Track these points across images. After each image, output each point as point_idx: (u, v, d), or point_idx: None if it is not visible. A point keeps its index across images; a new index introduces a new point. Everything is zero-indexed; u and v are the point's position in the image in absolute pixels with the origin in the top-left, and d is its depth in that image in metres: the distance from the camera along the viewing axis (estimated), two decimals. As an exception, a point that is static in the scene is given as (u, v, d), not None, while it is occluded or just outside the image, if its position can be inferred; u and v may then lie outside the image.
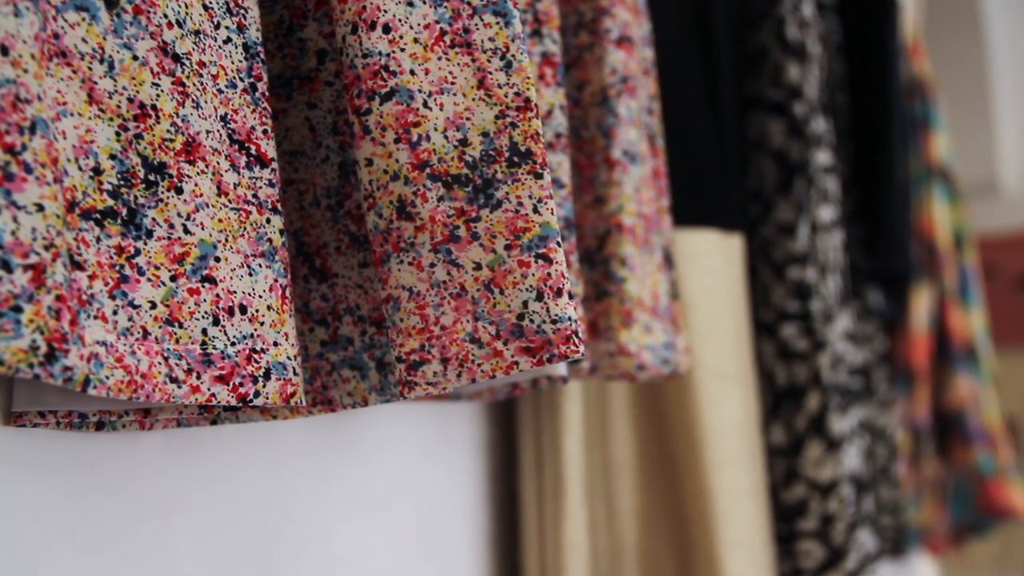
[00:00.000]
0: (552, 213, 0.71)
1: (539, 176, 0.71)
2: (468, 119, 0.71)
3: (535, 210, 0.71)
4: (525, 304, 0.69)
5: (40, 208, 0.53)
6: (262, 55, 0.71)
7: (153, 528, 0.76)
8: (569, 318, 0.69)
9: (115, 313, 0.61)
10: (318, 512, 0.91)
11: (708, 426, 1.26)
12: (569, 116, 1.03)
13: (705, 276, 1.28)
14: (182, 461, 0.79)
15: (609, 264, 0.99)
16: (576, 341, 0.69)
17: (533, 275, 0.70)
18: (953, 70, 5.27)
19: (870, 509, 1.67)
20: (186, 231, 0.65)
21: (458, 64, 0.72)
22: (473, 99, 0.72)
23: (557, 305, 0.69)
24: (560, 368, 0.85)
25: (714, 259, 1.30)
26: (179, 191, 0.65)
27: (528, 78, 0.73)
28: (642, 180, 1.03)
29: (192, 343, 0.64)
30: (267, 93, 0.71)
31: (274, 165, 0.70)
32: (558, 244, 0.70)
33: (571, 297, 0.70)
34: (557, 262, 0.70)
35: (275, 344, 0.68)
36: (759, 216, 1.60)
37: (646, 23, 1.10)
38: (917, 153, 2.76)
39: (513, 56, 0.73)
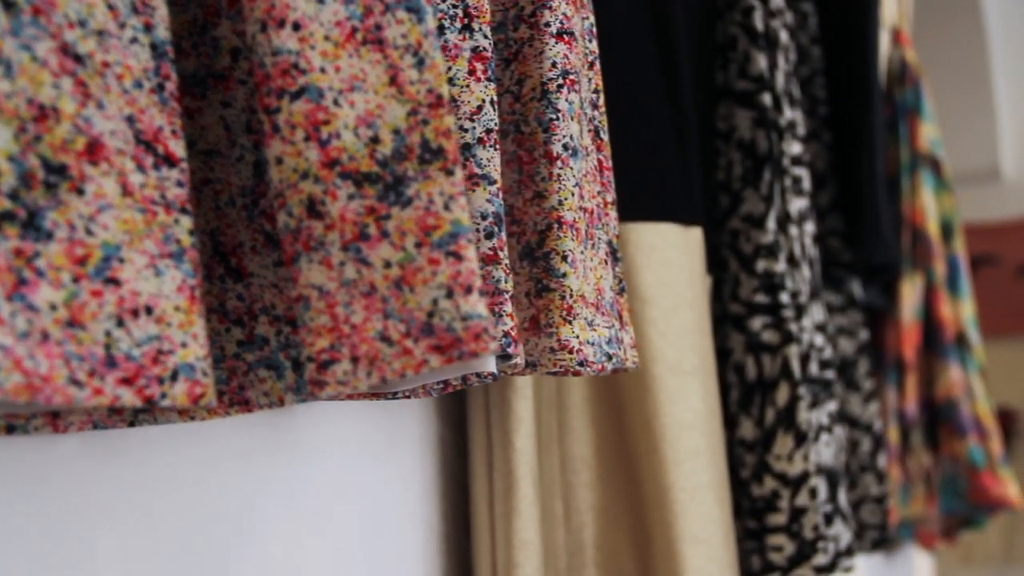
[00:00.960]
0: (464, 210, 0.70)
1: (450, 173, 0.71)
2: (379, 117, 0.71)
3: (446, 207, 0.70)
4: (435, 302, 0.69)
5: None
6: (171, 54, 0.70)
7: (74, 533, 0.76)
8: (479, 315, 0.69)
9: (13, 316, 0.61)
10: (252, 513, 0.91)
11: (668, 421, 1.26)
12: (510, 111, 1.02)
13: (663, 270, 1.28)
14: (104, 464, 0.78)
15: (550, 259, 0.98)
16: (486, 338, 0.68)
17: (443, 273, 0.69)
18: (953, 57, 5.25)
19: (844, 502, 1.67)
20: (88, 232, 0.64)
21: (369, 61, 0.72)
22: (385, 96, 0.71)
23: (467, 302, 0.69)
24: (488, 364, 0.84)
25: (673, 252, 1.29)
26: (81, 192, 0.64)
27: (441, 75, 0.72)
28: (585, 174, 1.02)
29: (95, 345, 0.64)
30: (176, 93, 0.70)
31: (183, 165, 0.70)
32: (469, 241, 0.70)
33: (482, 295, 0.69)
34: (468, 259, 0.69)
35: (183, 345, 0.67)
36: (728, 208, 1.60)
37: (590, 15, 1.09)
38: (906, 141, 2.75)
39: (426, 53, 0.72)
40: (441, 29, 0.88)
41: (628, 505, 1.28)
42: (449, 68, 0.87)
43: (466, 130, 0.86)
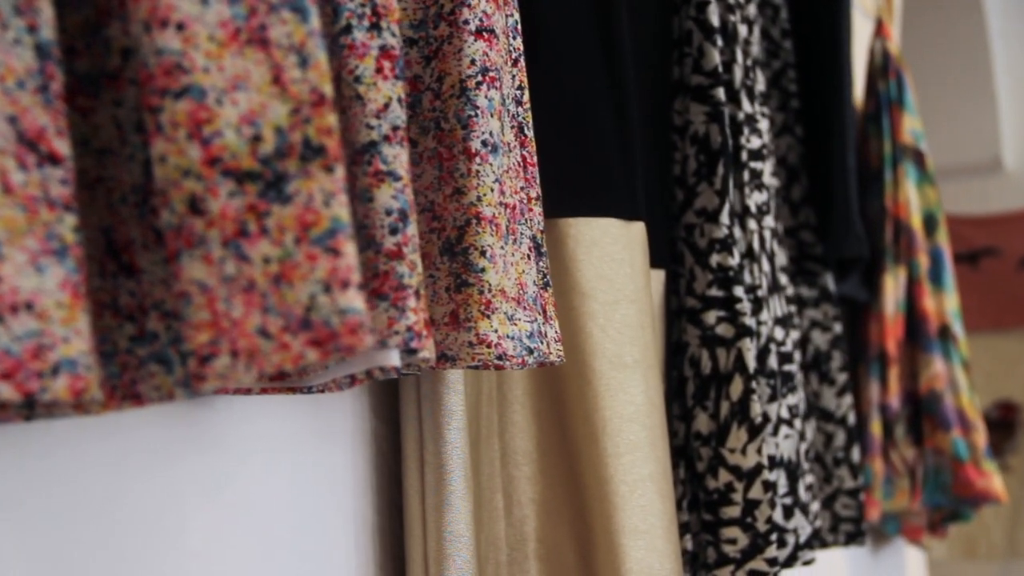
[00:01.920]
0: (344, 207, 0.72)
1: (331, 170, 0.72)
2: (262, 115, 0.72)
3: (325, 204, 0.71)
4: (313, 297, 0.70)
5: None
6: (57, 55, 0.72)
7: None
8: (355, 310, 0.70)
9: None
10: (168, 508, 0.92)
11: (608, 415, 1.27)
12: (431, 108, 1.03)
13: (604, 264, 1.29)
14: (7, 460, 0.80)
15: (468, 255, 0.99)
16: (362, 333, 0.70)
17: (321, 268, 0.71)
18: (954, 48, 5.23)
19: (804, 495, 1.68)
20: (-33, 231, 0.66)
21: (253, 61, 0.73)
22: (268, 95, 0.73)
23: (344, 297, 0.70)
24: (392, 358, 0.85)
25: (614, 247, 1.30)
26: (-41, 192, 0.66)
27: (324, 74, 0.73)
28: (507, 170, 1.03)
29: (-27, 341, 0.65)
30: (62, 92, 0.72)
31: (68, 164, 0.71)
32: (347, 237, 0.71)
33: (361, 289, 0.71)
34: (346, 255, 0.71)
35: (65, 340, 0.69)
36: (683, 203, 1.61)
37: (515, 12, 1.11)
38: (889, 133, 2.75)
39: (309, 52, 0.74)
40: (349, 28, 0.89)
41: (569, 498, 1.29)
42: (356, 67, 0.88)
43: (372, 127, 0.88)
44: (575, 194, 1.29)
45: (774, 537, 1.52)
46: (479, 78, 1.02)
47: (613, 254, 1.30)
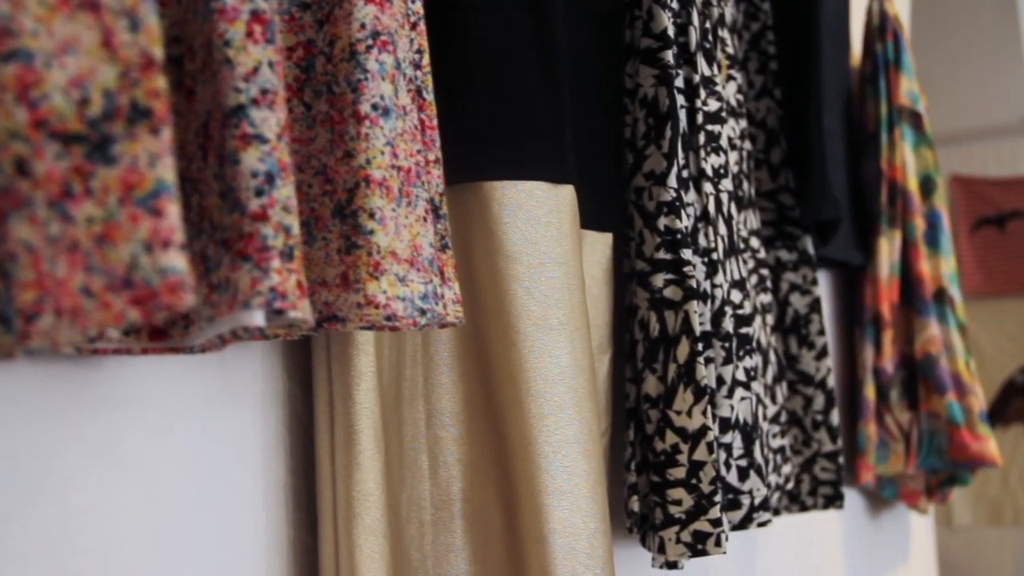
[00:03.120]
0: (169, 169, 0.73)
1: (157, 132, 0.73)
2: (91, 78, 0.73)
3: (150, 165, 0.73)
4: (135, 256, 0.72)
5: None
6: None
7: None
8: (176, 269, 0.71)
9: None
10: (51, 465, 0.94)
11: (532, 376, 1.28)
12: (323, 72, 1.04)
13: (530, 227, 1.29)
14: None
15: (358, 217, 1.01)
16: (182, 292, 0.71)
17: (143, 228, 0.72)
18: (981, 11, 5.16)
19: (760, 457, 1.68)
20: None
21: (84, 24, 0.74)
22: (97, 59, 0.74)
23: (165, 257, 0.71)
24: (255, 318, 0.87)
25: (540, 210, 1.31)
26: None
27: (154, 37, 0.75)
28: (401, 133, 1.04)
29: None
30: None
31: (-99, 128, 0.73)
32: (171, 198, 0.72)
33: (182, 249, 0.72)
34: (168, 216, 0.72)
35: None
36: (633, 166, 1.61)
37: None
38: (885, 95, 2.73)
39: (141, 16, 0.75)
40: (220, -8, 0.90)
41: (496, 458, 1.30)
42: (226, 31, 0.89)
43: (240, 91, 0.89)
44: (501, 158, 1.30)
45: (718, 498, 1.52)
46: (369, 42, 1.02)
47: (539, 217, 1.31)
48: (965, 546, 5.17)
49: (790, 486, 2.01)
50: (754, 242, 1.97)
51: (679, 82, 1.66)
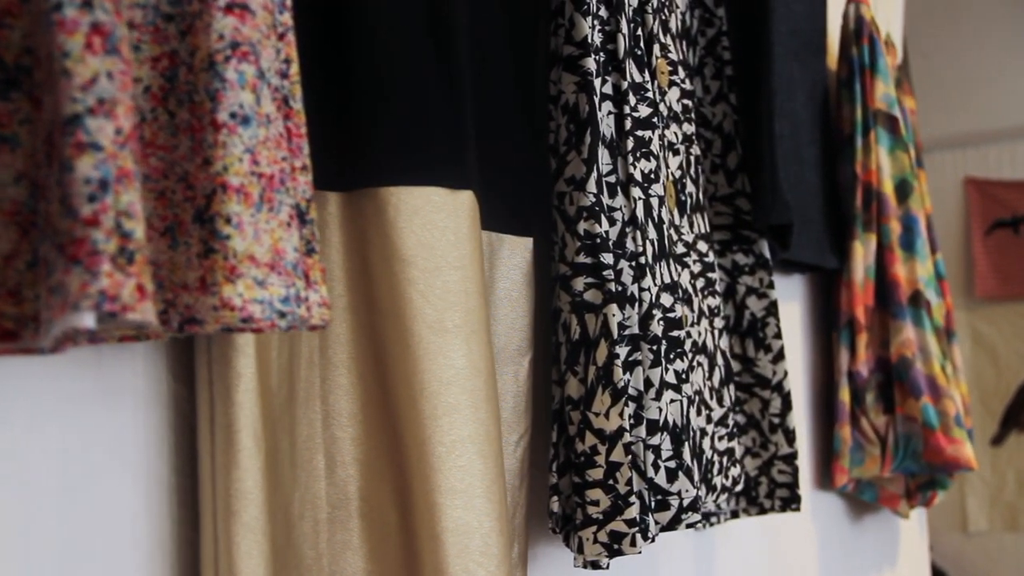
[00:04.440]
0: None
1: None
2: None
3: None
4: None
5: None
6: None
7: None
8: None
9: None
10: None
11: (427, 377, 1.30)
12: (185, 81, 1.08)
13: (426, 232, 1.32)
14: None
15: (215, 222, 1.04)
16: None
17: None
18: (996, 13, 5.13)
19: (689, 458, 1.69)
20: None
21: None
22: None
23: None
24: (84, 320, 0.90)
25: (437, 216, 1.33)
26: None
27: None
28: (263, 141, 1.07)
29: None
30: None
31: None
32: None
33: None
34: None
35: None
36: (556, 171, 1.63)
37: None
38: (861, 98, 2.74)
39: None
40: (60, 5, 0.93)
41: (392, 458, 1.33)
42: (65, 42, 0.93)
43: (76, 100, 0.92)
44: (397, 164, 1.32)
45: (633, 499, 1.54)
46: (228, 52, 1.05)
47: (436, 222, 1.33)
48: (981, 552, 5.14)
49: (739, 488, 2.03)
50: (701, 246, 1.99)
51: (607, 88, 1.69)
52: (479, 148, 1.51)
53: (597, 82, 1.66)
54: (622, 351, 1.63)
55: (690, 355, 1.84)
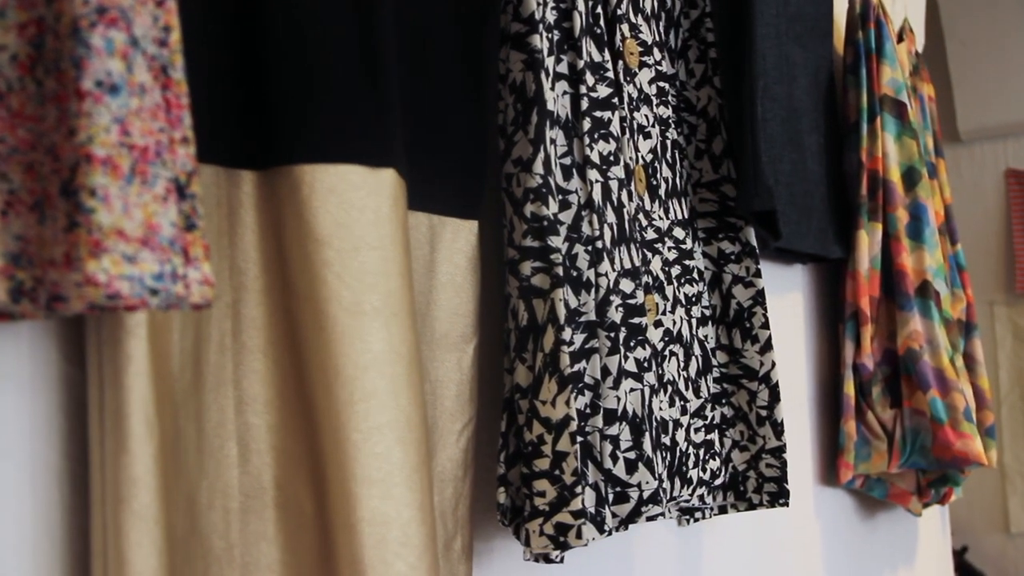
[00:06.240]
0: None
1: None
2: None
3: None
4: None
5: None
6: None
7: None
8: None
9: None
10: None
11: (342, 362, 1.25)
12: (53, 49, 1.03)
13: (341, 211, 1.27)
14: None
15: (79, 195, 0.99)
16: None
17: None
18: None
19: (650, 449, 1.63)
20: None
21: None
22: None
23: None
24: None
25: (354, 194, 1.28)
26: None
27: None
28: (137, 111, 1.03)
29: None
30: None
31: None
32: None
33: None
34: None
35: None
36: (503, 152, 1.58)
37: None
38: (867, 84, 2.66)
39: None
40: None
41: (308, 446, 1.28)
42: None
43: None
44: (311, 141, 1.27)
45: (580, 489, 1.49)
46: (94, 17, 1.01)
47: (353, 201, 1.28)
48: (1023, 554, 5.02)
49: (718, 482, 1.96)
50: (678, 232, 1.93)
51: (562, 67, 1.63)
52: (420, 129, 1.46)
53: (550, 61, 1.60)
54: (577, 338, 1.58)
55: (660, 344, 1.78)
